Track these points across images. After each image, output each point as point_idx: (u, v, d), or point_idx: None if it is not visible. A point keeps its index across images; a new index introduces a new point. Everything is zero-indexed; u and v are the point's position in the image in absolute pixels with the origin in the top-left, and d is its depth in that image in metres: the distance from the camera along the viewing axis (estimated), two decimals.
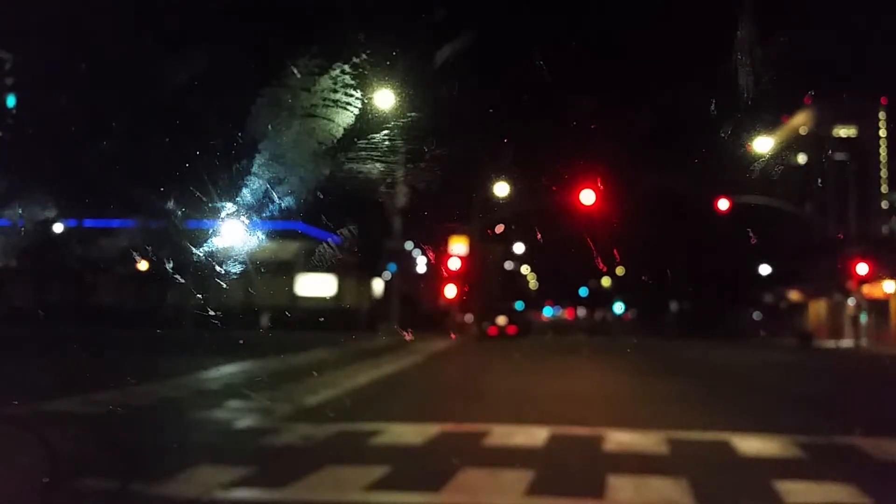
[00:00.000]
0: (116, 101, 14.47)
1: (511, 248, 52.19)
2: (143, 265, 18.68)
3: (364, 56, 11.54)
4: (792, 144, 48.42)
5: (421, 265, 41.99)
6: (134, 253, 24.66)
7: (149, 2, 14.56)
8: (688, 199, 36.68)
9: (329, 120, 11.54)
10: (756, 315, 53.02)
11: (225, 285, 10.34)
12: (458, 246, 31.56)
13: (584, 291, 74.54)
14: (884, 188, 53.77)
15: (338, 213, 14.08)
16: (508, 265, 60.78)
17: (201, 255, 10.28)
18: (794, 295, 51.36)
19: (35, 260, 26.51)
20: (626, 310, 71.28)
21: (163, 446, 9.29)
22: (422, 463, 8.73)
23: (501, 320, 44.86)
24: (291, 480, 7.62)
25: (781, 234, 39.47)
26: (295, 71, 11.50)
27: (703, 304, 50.94)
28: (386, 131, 11.92)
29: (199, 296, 11.86)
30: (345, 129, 11.55)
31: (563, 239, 24.86)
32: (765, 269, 47.28)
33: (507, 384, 17.31)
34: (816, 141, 50.67)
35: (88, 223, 28.69)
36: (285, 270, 34.88)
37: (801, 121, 51.26)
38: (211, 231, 10.79)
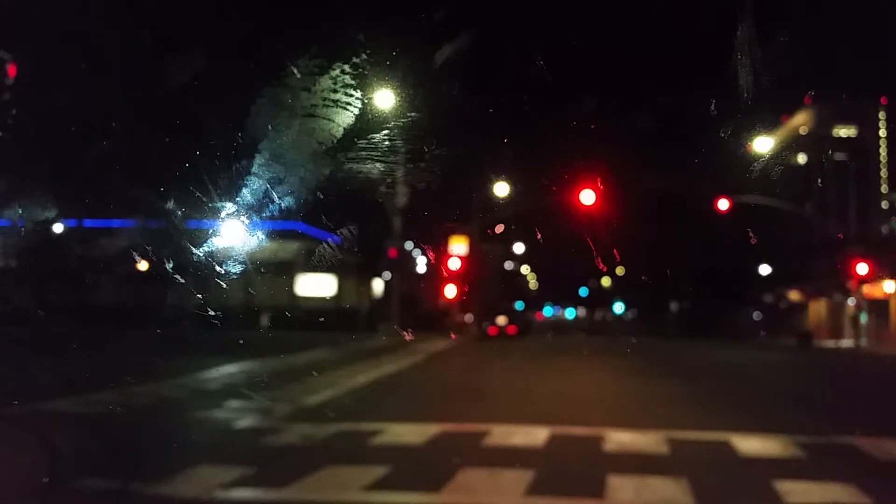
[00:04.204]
0: (116, 101, 14.46)
1: (511, 248, 52.17)
2: (143, 265, 18.64)
3: (364, 56, 11.53)
4: (792, 144, 48.42)
5: (421, 265, 41.99)
6: (134, 253, 24.63)
7: (149, 1, 14.56)
8: (688, 199, 36.71)
9: (329, 120, 11.52)
10: (756, 315, 53.04)
11: (225, 285, 10.32)
12: (458, 246, 31.56)
13: (584, 291, 74.50)
14: (884, 188, 53.79)
15: (338, 213, 14.05)
16: (508, 265, 60.75)
17: (201, 255, 10.27)
18: (794, 295, 51.36)
19: (35, 260, 26.47)
20: (626, 310, 71.24)
21: (163, 446, 9.28)
22: (422, 463, 8.73)
23: (501, 320, 44.88)
24: (291, 480, 7.63)
25: (781, 234, 39.49)
26: (295, 71, 11.48)
27: (703, 304, 50.92)
28: (386, 131, 11.90)
29: (199, 296, 11.84)
30: (345, 129, 11.53)
31: (563, 239, 24.85)
32: (765, 269, 47.31)
33: (507, 384, 17.31)
34: (816, 141, 50.69)
35: (88, 223, 28.66)
36: (285, 270, 34.86)
37: (801, 121, 51.25)
38: (211, 231, 10.78)
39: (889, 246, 43.63)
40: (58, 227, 25.53)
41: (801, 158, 51.09)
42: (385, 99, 12.37)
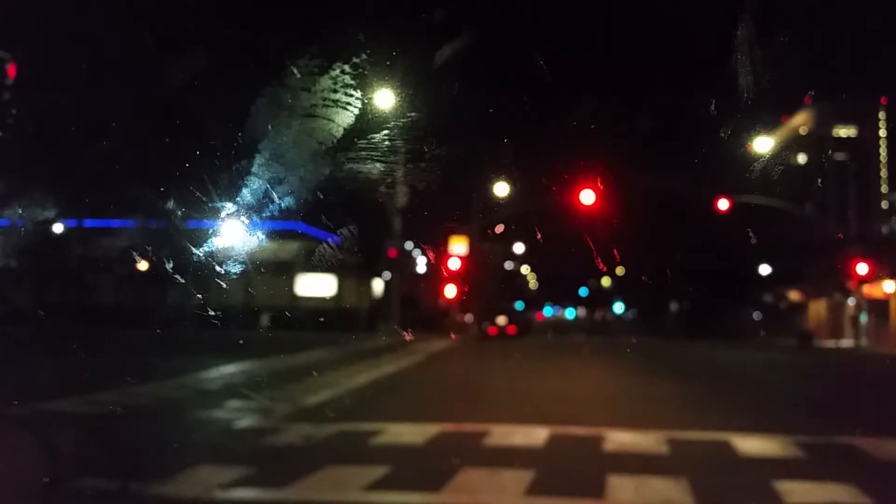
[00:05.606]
0: (116, 101, 14.47)
1: (511, 248, 52.17)
2: (143, 265, 18.67)
3: (364, 56, 11.54)
4: (792, 144, 48.42)
5: (421, 265, 41.99)
6: (134, 253, 24.65)
7: (149, 1, 14.57)
8: (688, 199, 36.68)
9: (329, 120, 11.53)
10: (756, 315, 53.01)
11: (225, 285, 10.33)
12: (458, 246, 31.53)
13: (584, 291, 74.46)
14: (884, 188, 53.84)
15: (338, 213, 14.07)
16: (508, 265, 60.76)
17: (201, 255, 10.28)
18: (794, 295, 51.35)
19: (35, 260, 26.49)
20: (626, 310, 71.25)
21: (163, 446, 9.29)
22: (422, 463, 8.73)
23: (501, 320, 44.86)
24: (291, 480, 7.63)
25: (781, 234, 39.48)
26: (295, 71, 11.49)
27: (703, 304, 50.88)
28: (386, 131, 11.91)
29: (199, 296, 11.86)
30: (345, 129, 11.54)
31: (563, 239, 24.79)
32: (765, 269, 47.29)
33: (507, 384, 17.31)
34: (816, 141, 50.71)
35: (88, 223, 28.68)
36: (285, 270, 34.83)
37: (801, 121, 51.27)
38: (211, 231, 10.79)
39: (889, 246, 43.63)
40: (58, 227, 25.54)
41: (801, 158, 51.08)
42: (385, 99, 12.37)
